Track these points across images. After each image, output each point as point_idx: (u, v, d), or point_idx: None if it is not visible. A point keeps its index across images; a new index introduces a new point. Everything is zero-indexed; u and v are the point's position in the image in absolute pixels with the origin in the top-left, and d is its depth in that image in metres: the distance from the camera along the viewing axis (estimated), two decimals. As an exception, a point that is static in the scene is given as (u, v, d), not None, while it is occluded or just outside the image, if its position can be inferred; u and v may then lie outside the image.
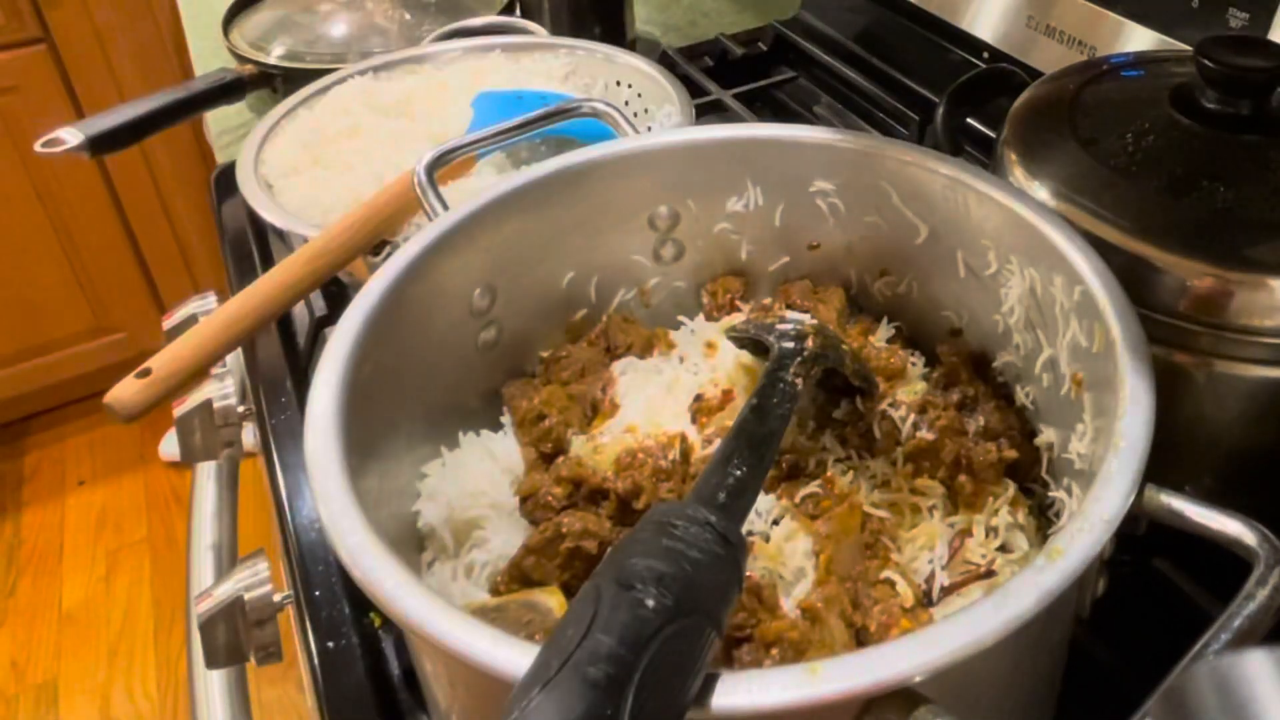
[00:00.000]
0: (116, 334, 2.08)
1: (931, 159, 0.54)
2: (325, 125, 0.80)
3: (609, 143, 0.59)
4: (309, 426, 0.42)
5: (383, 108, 0.82)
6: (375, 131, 0.79)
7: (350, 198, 0.70)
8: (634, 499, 0.48)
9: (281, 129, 0.80)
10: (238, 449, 0.78)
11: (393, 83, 0.86)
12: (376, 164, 0.75)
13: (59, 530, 1.99)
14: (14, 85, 1.80)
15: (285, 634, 0.60)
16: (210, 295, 0.85)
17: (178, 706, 1.68)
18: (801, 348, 0.49)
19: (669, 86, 0.80)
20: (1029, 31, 0.83)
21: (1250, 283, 0.47)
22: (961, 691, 0.35)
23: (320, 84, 0.83)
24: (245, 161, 0.74)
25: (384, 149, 0.77)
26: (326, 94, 0.83)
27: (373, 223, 0.63)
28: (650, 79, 0.83)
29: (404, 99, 0.83)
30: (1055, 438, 0.49)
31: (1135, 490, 0.36)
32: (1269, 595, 0.34)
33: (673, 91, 0.80)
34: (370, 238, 0.63)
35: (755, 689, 0.31)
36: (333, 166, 0.76)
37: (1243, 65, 0.52)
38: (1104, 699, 0.48)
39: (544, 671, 0.29)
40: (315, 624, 0.55)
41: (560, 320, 0.61)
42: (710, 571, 0.33)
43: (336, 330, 0.47)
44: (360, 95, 0.83)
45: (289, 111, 0.81)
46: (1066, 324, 0.47)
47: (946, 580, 0.46)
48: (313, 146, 0.78)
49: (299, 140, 0.78)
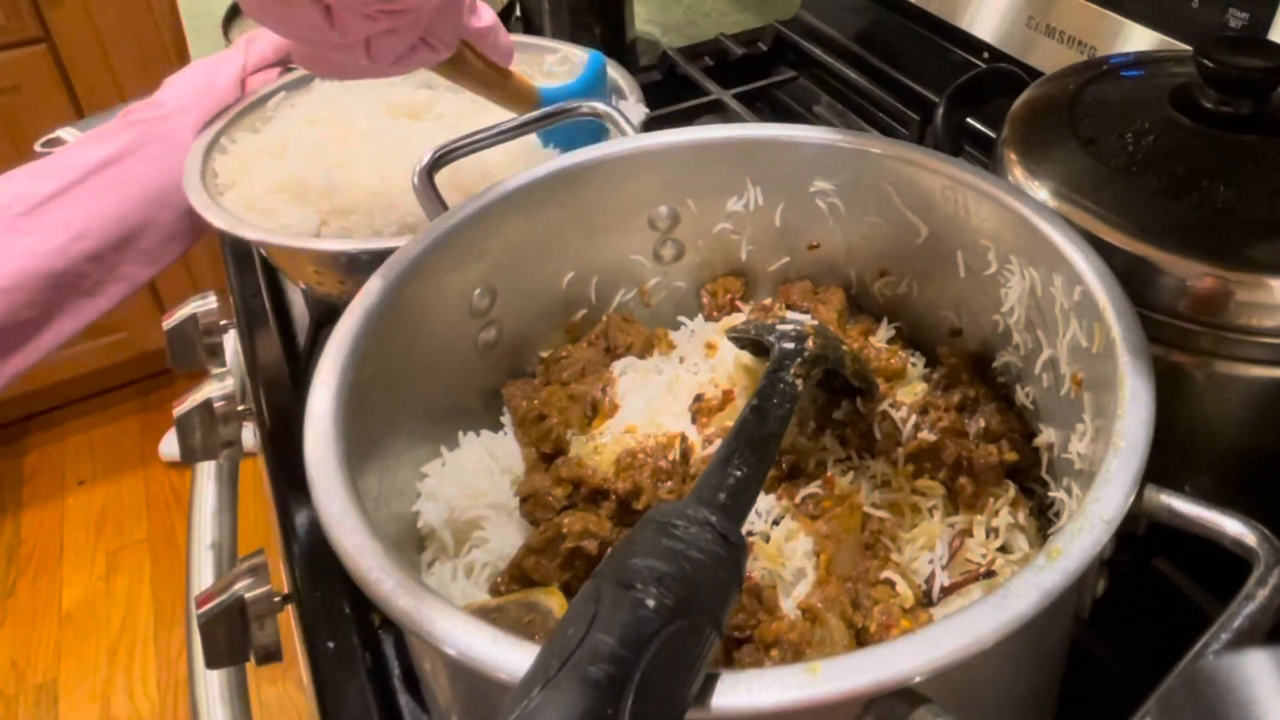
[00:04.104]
0: (116, 334, 2.08)
1: (931, 159, 0.54)
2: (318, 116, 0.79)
3: (609, 143, 0.59)
4: (309, 426, 0.42)
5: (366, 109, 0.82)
6: (355, 129, 0.78)
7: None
8: (634, 499, 0.48)
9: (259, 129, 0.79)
10: (238, 449, 0.78)
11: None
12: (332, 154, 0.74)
13: (59, 530, 1.99)
14: (14, 85, 1.80)
15: (285, 634, 0.60)
16: (210, 295, 0.85)
17: (178, 706, 1.68)
18: (802, 348, 0.49)
19: (620, 80, 0.79)
20: (1029, 31, 0.83)
21: (1250, 283, 0.47)
22: (962, 691, 0.35)
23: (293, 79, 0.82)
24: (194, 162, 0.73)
25: (364, 144, 0.76)
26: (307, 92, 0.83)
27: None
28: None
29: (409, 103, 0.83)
30: (1055, 438, 0.49)
31: (1135, 490, 0.36)
32: (1269, 595, 0.34)
33: (622, 83, 0.79)
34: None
35: (755, 689, 0.31)
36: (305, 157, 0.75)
37: (1243, 65, 0.52)
38: (1104, 699, 0.48)
39: (544, 671, 0.29)
40: (315, 624, 0.55)
41: (560, 320, 0.61)
42: (711, 571, 0.33)
43: (336, 330, 0.47)
44: (342, 92, 0.83)
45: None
46: (1066, 324, 0.47)
47: (946, 580, 0.46)
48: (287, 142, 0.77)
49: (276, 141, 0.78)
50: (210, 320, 0.83)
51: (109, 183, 0.70)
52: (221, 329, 0.84)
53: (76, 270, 0.67)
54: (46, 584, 1.89)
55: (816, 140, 0.57)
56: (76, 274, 0.67)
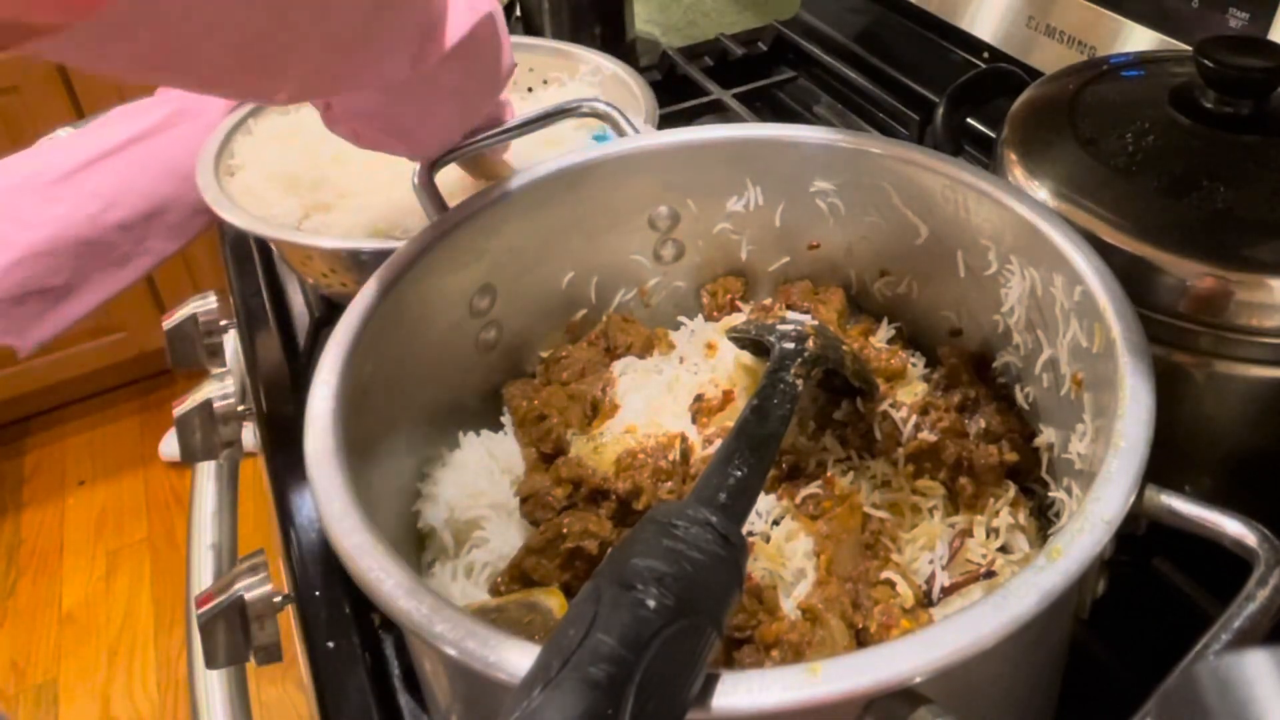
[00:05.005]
0: (116, 334, 2.07)
1: (931, 159, 0.54)
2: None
3: (609, 143, 0.59)
4: (309, 426, 0.42)
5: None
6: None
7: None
8: (634, 499, 0.48)
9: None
10: (238, 449, 0.78)
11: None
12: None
13: (59, 530, 1.99)
14: (14, 85, 1.80)
15: (285, 634, 0.60)
16: (210, 295, 0.85)
17: (178, 706, 1.68)
18: (802, 348, 0.49)
19: (637, 90, 0.77)
20: (1029, 31, 0.83)
21: (1250, 283, 0.47)
22: (962, 691, 0.35)
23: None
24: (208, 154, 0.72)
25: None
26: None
27: None
28: (620, 82, 0.80)
29: None
30: (1055, 438, 0.49)
31: (1135, 490, 0.36)
32: (1269, 595, 0.34)
33: (639, 94, 0.76)
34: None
35: (756, 689, 0.31)
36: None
37: (1243, 65, 0.52)
38: (1104, 699, 0.48)
39: (544, 671, 0.29)
40: (315, 624, 0.55)
41: (560, 320, 0.61)
42: (711, 572, 0.33)
43: (336, 330, 0.47)
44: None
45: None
46: (1066, 324, 0.47)
47: (947, 580, 0.46)
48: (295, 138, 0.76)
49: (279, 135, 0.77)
50: (210, 320, 0.83)
51: (141, 156, 0.70)
52: (221, 329, 0.84)
53: (106, 240, 0.67)
54: (46, 584, 1.88)
55: (816, 140, 0.57)
56: (106, 243, 0.68)
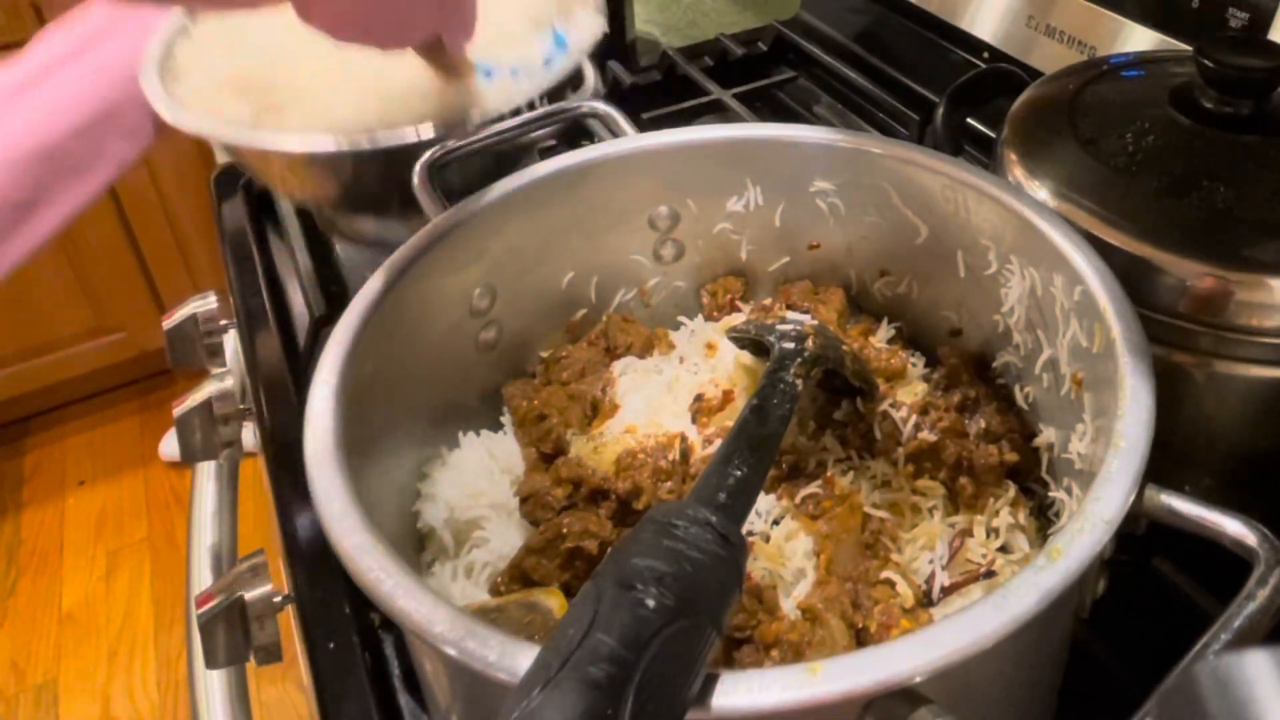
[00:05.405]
0: (116, 334, 2.07)
1: (931, 159, 0.54)
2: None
3: (609, 143, 0.59)
4: (309, 426, 0.42)
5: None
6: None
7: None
8: (634, 499, 0.48)
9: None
10: (238, 449, 0.78)
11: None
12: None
13: (59, 530, 1.99)
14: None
15: (285, 634, 0.60)
16: (210, 295, 0.85)
17: (178, 706, 1.68)
18: (802, 348, 0.49)
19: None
20: (1029, 31, 0.83)
21: (1250, 283, 0.47)
22: (962, 691, 0.35)
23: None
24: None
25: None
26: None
27: None
28: None
29: None
30: (1055, 438, 0.49)
31: (1135, 490, 0.36)
32: (1269, 595, 0.34)
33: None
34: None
35: (755, 689, 0.31)
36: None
37: (1243, 65, 0.52)
38: (1104, 699, 0.48)
39: (544, 671, 0.29)
40: (315, 624, 0.55)
41: (560, 320, 0.61)
42: (711, 572, 0.33)
43: (336, 330, 0.47)
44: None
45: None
46: (1066, 324, 0.47)
47: (947, 580, 0.46)
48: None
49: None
50: (210, 320, 0.83)
51: (84, 66, 0.69)
52: (221, 329, 0.84)
53: (63, 148, 0.67)
54: (46, 584, 1.88)
55: (816, 140, 0.57)
56: (63, 151, 0.67)
